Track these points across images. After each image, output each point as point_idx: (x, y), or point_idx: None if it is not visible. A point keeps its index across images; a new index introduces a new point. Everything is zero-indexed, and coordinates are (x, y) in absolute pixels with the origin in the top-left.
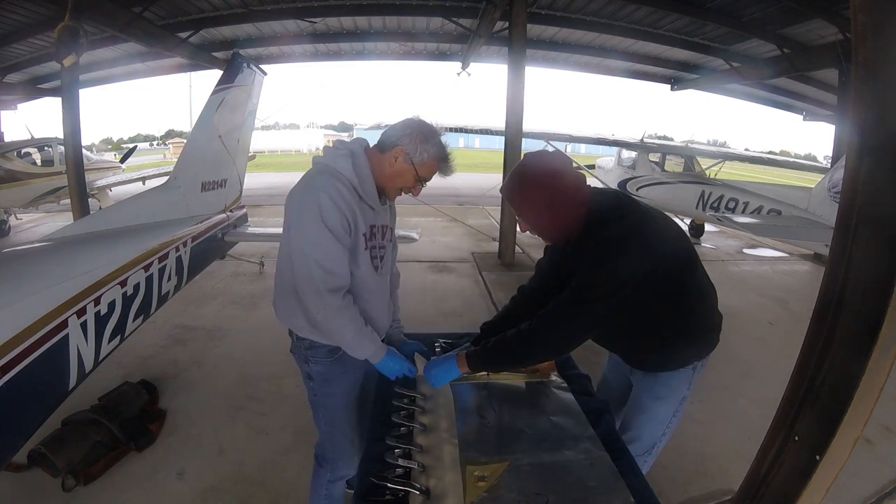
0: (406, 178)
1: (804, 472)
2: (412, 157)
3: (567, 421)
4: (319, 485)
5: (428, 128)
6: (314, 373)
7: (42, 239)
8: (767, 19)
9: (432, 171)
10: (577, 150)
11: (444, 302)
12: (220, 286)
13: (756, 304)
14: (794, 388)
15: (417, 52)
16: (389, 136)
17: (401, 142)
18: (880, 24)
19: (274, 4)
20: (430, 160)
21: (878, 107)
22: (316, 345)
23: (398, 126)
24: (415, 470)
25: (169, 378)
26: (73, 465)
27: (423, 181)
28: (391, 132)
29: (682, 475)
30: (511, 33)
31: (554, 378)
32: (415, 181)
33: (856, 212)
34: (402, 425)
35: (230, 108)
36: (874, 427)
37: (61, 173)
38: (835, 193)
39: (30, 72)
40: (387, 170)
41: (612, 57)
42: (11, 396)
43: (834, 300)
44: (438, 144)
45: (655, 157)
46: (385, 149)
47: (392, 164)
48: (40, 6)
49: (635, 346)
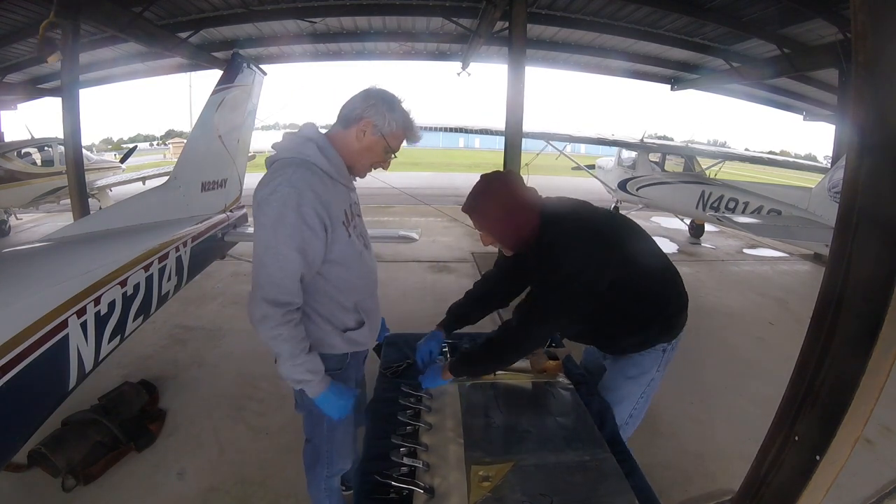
0: (376, 151)
1: (804, 472)
2: (381, 128)
3: (572, 422)
4: (318, 480)
5: (390, 95)
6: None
7: (42, 239)
8: (767, 19)
9: (401, 140)
10: (577, 150)
11: (445, 302)
12: (220, 286)
13: (756, 304)
14: (794, 388)
15: (417, 52)
16: (352, 109)
17: (366, 114)
18: (880, 24)
19: (274, 4)
20: (399, 129)
21: (878, 107)
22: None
23: (358, 99)
24: (419, 469)
25: (169, 378)
26: (73, 465)
27: (393, 152)
28: (352, 105)
29: (683, 475)
30: (511, 33)
31: (560, 379)
32: (385, 153)
33: (856, 212)
34: (407, 424)
35: (230, 108)
36: (874, 427)
37: (61, 173)
38: (835, 193)
39: (30, 72)
40: (354, 146)
41: (612, 57)
42: (11, 396)
43: (834, 300)
44: (403, 111)
45: (655, 157)
46: (349, 124)
47: (360, 138)
48: (40, 6)
49: (605, 335)
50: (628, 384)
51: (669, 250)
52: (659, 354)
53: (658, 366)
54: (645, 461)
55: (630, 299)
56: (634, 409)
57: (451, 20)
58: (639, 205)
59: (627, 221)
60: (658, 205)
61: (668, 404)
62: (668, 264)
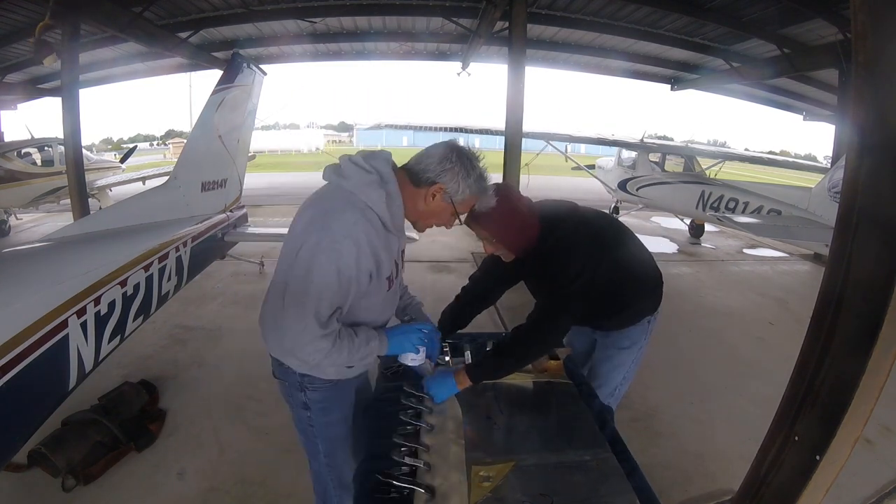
0: (443, 216)
1: (804, 472)
2: (452, 196)
3: (573, 422)
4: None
5: (468, 160)
6: (312, 401)
7: (42, 239)
8: (767, 19)
9: (471, 206)
10: (577, 150)
11: (444, 302)
12: (220, 286)
13: (756, 304)
14: (794, 388)
15: (417, 52)
16: (425, 169)
17: (440, 179)
18: (880, 24)
19: (274, 4)
20: (472, 196)
21: (878, 107)
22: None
23: (434, 157)
24: (420, 469)
25: (169, 378)
26: (73, 465)
27: (460, 217)
28: (426, 164)
29: (683, 475)
30: (511, 33)
31: (561, 379)
32: (451, 218)
33: (856, 212)
34: (408, 424)
35: (230, 109)
36: (874, 427)
37: (61, 173)
38: (835, 193)
39: (30, 72)
40: (420, 206)
41: (612, 57)
42: (11, 396)
43: (834, 300)
44: (479, 177)
45: (655, 157)
46: (420, 183)
47: (428, 201)
48: (40, 6)
49: (601, 315)
50: (621, 354)
51: (669, 250)
52: (646, 325)
53: (646, 335)
54: (645, 461)
55: (621, 283)
56: (627, 373)
57: (451, 20)
58: (639, 205)
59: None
60: (658, 205)
61: (668, 404)
62: (644, 247)
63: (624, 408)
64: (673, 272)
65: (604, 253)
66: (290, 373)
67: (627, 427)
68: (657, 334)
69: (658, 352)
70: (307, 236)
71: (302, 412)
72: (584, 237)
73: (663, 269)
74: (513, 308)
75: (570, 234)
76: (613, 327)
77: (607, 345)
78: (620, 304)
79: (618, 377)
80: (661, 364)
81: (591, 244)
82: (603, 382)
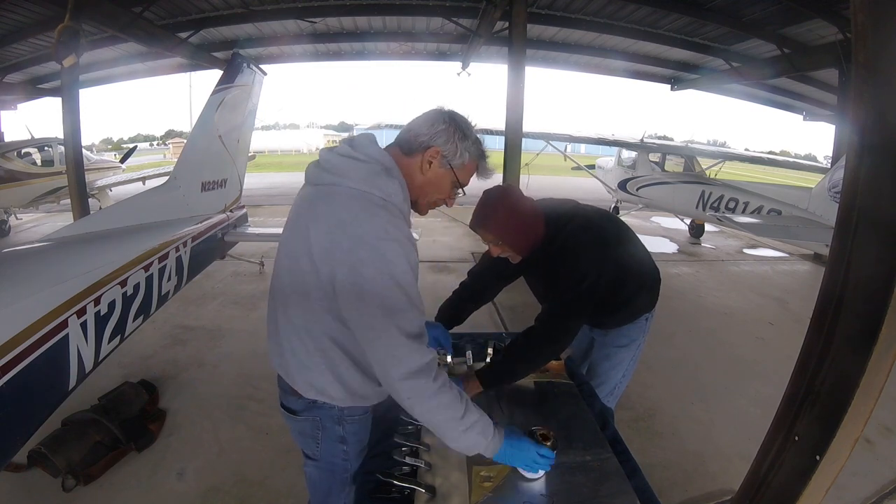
0: (442, 186)
1: (804, 472)
2: (450, 159)
3: (574, 422)
4: None
5: (463, 120)
6: (349, 433)
7: (42, 239)
8: (767, 19)
9: (472, 173)
10: (577, 150)
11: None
12: (220, 286)
13: (756, 304)
14: (794, 388)
15: (417, 52)
16: (417, 133)
17: (434, 141)
18: (880, 24)
19: (274, 4)
20: (471, 160)
21: (878, 107)
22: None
23: (425, 121)
24: (421, 468)
25: (169, 378)
26: (73, 465)
27: (461, 187)
28: (417, 129)
29: (683, 475)
30: (511, 33)
31: (562, 379)
32: (452, 189)
33: (856, 212)
34: (409, 423)
35: (230, 108)
36: (874, 427)
37: (61, 173)
38: (835, 193)
39: (30, 72)
40: (418, 178)
41: (612, 57)
42: (11, 396)
43: (834, 300)
44: (477, 139)
45: (655, 157)
46: (413, 150)
47: (425, 169)
48: (40, 6)
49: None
50: (621, 352)
51: (669, 250)
52: (643, 323)
53: (644, 333)
54: (645, 461)
55: (623, 281)
56: (626, 371)
57: (451, 20)
58: (639, 205)
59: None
60: (658, 205)
61: (668, 404)
62: (642, 244)
63: (624, 408)
64: (673, 272)
65: (608, 252)
66: (328, 406)
67: (627, 427)
68: (658, 334)
69: (658, 352)
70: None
71: (337, 447)
72: (590, 237)
73: (663, 269)
74: (513, 308)
75: (577, 234)
76: (612, 325)
77: (606, 343)
78: (621, 301)
79: (617, 375)
80: (661, 364)
81: (597, 244)
82: (602, 381)
